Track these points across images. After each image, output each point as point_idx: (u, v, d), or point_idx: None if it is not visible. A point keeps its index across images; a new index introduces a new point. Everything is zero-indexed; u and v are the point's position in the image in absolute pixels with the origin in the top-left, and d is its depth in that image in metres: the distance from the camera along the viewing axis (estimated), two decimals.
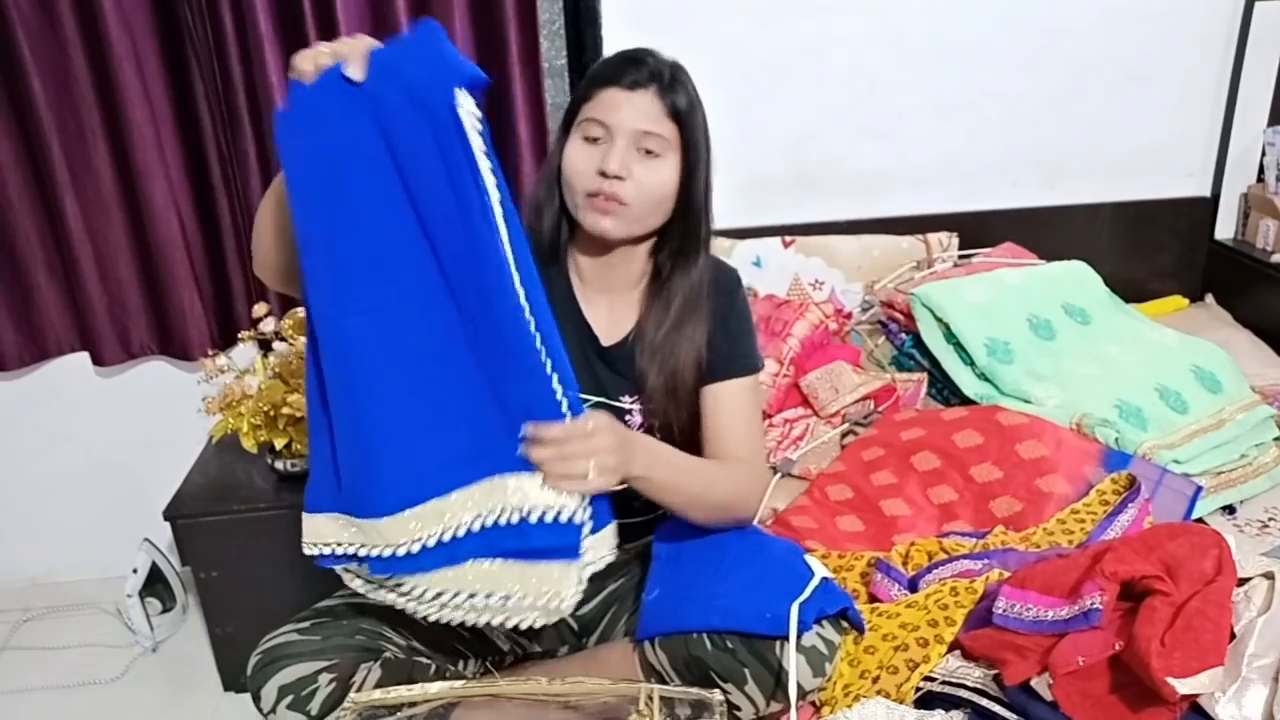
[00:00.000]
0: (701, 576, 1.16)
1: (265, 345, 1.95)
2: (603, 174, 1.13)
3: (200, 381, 1.90)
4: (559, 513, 0.99)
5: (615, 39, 2.04)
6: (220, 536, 1.86)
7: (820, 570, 1.15)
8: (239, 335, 1.94)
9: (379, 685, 1.15)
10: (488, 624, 1.05)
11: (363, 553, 1.05)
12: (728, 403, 1.23)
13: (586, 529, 1.00)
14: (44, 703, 1.99)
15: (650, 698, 1.04)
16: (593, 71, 1.19)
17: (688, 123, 1.17)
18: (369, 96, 0.95)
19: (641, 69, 1.15)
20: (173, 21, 1.93)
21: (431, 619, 1.06)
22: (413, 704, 1.07)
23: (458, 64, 0.93)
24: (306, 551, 1.09)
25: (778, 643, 1.08)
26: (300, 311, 1.93)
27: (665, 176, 1.16)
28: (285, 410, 1.80)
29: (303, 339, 1.89)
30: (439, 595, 1.04)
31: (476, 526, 1.01)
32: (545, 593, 1.01)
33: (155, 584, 2.15)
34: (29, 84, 1.89)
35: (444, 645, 1.20)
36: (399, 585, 1.06)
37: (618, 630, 1.26)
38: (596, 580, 1.27)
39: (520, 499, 0.99)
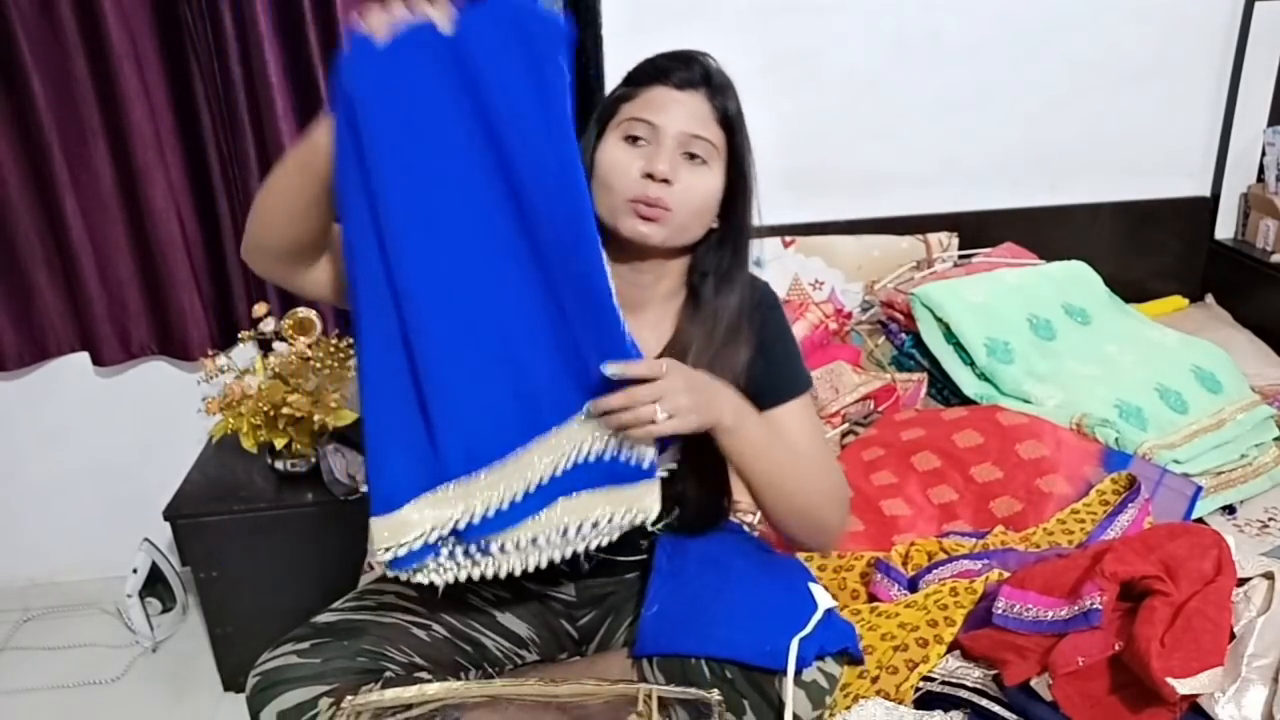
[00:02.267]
0: (703, 597, 1.12)
1: (265, 345, 1.95)
2: (649, 176, 1.07)
3: (200, 381, 1.90)
4: (639, 453, 1.04)
5: (615, 39, 2.04)
6: (220, 536, 1.86)
7: (824, 601, 1.11)
8: (239, 335, 1.95)
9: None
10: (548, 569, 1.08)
11: (462, 523, 1.03)
12: (790, 423, 1.15)
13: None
14: (44, 703, 1.99)
15: (649, 698, 1.03)
16: (636, 69, 1.14)
17: (737, 130, 1.12)
18: (455, 51, 0.96)
19: (693, 67, 1.10)
20: (173, 21, 1.93)
21: (521, 570, 1.06)
22: (409, 706, 1.07)
23: (553, 20, 0.97)
24: (383, 557, 1.04)
25: (777, 676, 1.05)
26: (300, 311, 1.93)
27: (711, 185, 1.11)
28: (285, 410, 1.81)
29: (302, 339, 1.89)
30: (534, 540, 1.05)
31: (568, 465, 1.04)
32: (632, 510, 1.05)
33: (155, 584, 2.16)
34: (29, 84, 1.89)
35: (445, 661, 1.18)
36: (487, 547, 1.06)
37: (616, 639, 1.24)
38: (596, 588, 1.27)
39: (602, 443, 1.04)
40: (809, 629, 1.06)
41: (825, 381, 1.86)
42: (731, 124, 1.11)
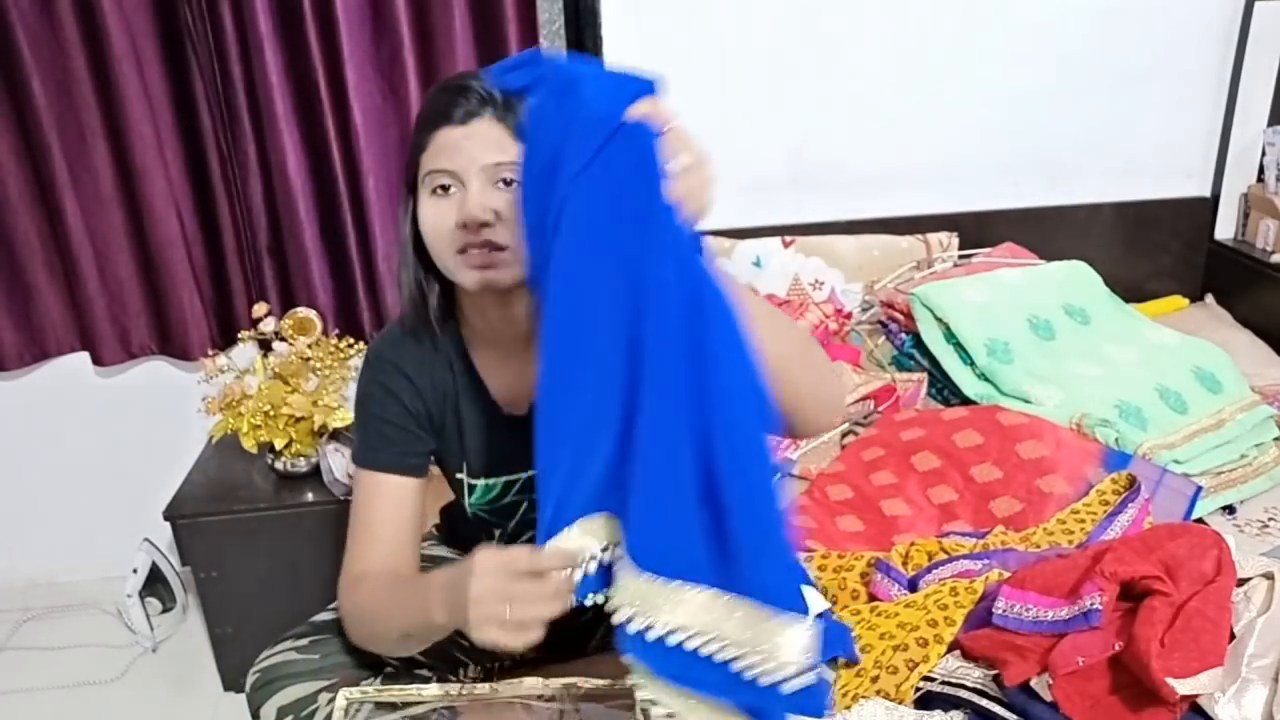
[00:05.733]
0: None
1: (265, 345, 1.95)
2: (464, 226, 1.00)
3: (200, 381, 1.90)
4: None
5: (615, 39, 2.04)
6: (220, 536, 1.86)
7: (816, 605, 1.08)
8: (239, 335, 1.95)
9: None
10: None
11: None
12: None
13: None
14: (44, 703, 1.99)
15: None
16: (420, 116, 1.05)
17: None
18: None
19: (469, 96, 1.00)
20: (173, 21, 1.93)
21: None
22: (408, 705, 1.07)
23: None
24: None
25: None
26: (300, 311, 1.94)
27: None
28: (285, 410, 1.81)
29: (302, 339, 1.89)
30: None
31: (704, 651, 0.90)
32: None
33: (155, 584, 2.15)
34: (29, 84, 1.89)
35: (444, 655, 1.19)
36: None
37: (615, 638, 1.25)
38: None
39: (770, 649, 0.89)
40: None
41: None
42: None
